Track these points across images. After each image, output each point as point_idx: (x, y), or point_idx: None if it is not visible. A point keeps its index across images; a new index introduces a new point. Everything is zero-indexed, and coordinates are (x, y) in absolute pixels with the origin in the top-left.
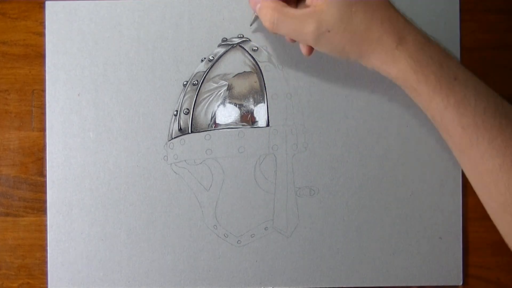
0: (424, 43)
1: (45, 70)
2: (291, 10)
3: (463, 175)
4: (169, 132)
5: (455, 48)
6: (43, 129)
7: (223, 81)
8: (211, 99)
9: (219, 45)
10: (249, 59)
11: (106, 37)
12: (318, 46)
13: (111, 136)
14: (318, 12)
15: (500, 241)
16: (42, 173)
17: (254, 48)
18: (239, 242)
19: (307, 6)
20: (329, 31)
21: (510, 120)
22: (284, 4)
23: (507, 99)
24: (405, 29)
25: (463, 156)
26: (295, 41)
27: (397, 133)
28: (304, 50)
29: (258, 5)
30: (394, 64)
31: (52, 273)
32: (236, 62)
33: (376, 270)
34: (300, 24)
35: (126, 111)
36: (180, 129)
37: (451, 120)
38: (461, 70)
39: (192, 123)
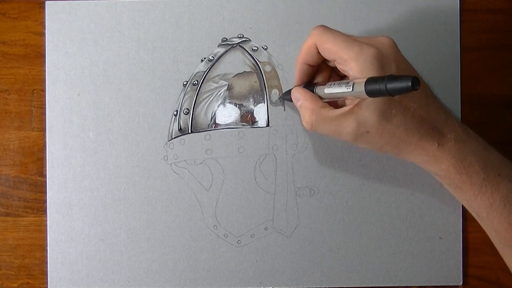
0: (465, 139)
1: (45, 70)
2: (329, 112)
3: None
4: (169, 132)
5: (455, 48)
6: (43, 129)
7: (223, 81)
8: (211, 99)
9: (219, 45)
10: (249, 59)
11: (106, 37)
12: (356, 144)
13: (111, 136)
14: (357, 114)
15: None
16: (42, 173)
17: (254, 48)
18: (239, 242)
19: (346, 104)
20: (368, 132)
21: None
22: (323, 104)
23: (507, 99)
24: (445, 126)
25: (508, 249)
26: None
27: None
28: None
29: (299, 103)
30: (436, 164)
31: (52, 273)
32: (236, 62)
33: (376, 270)
34: (338, 126)
35: (126, 111)
36: (180, 129)
37: (497, 217)
38: (504, 163)
39: (192, 123)
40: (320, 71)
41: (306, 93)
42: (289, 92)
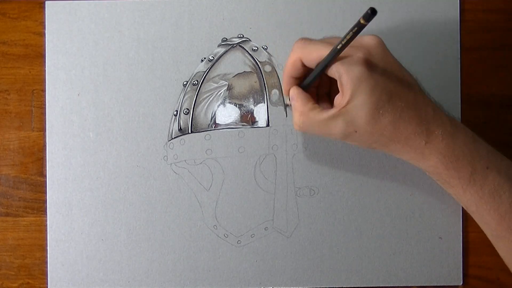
0: (453, 134)
1: (45, 70)
2: (317, 115)
3: None
4: (169, 132)
5: (455, 48)
6: (43, 129)
7: (223, 81)
8: (211, 99)
9: (219, 45)
10: (249, 59)
11: (106, 37)
12: (347, 142)
13: (111, 136)
14: (344, 114)
15: None
16: (42, 173)
17: (254, 48)
18: (239, 242)
19: (339, 102)
20: (356, 131)
21: None
22: (313, 106)
23: (507, 99)
24: (433, 122)
25: (500, 241)
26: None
27: None
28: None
29: (293, 102)
30: (424, 160)
31: (52, 273)
32: (236, 62)
33: (376, 270)
34: (326, 127)
35: (126, 111)
36: (180, 129)
37: (487, 209)
38: (492, 155)
39: (192, 123)
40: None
41: (298, 95)
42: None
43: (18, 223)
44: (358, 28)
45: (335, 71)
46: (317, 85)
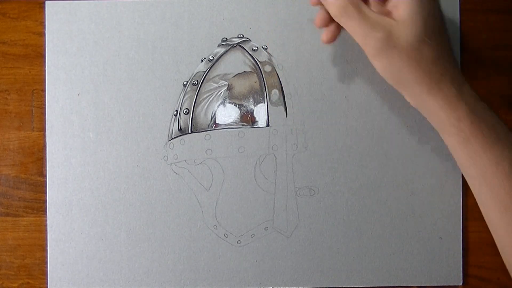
0: (478, 99)
1: (45, 70)
2: (366, 9)
3: (463, 176)
4: (169, 132)
5: (455, 48)
6: (43, 129)
7: (223, 81)
8: (211, 99)
9: (219, 45)
10: (249, 59)
11: (106, 37)
12: (374, 60)
13: (111, 136)
14: (393, 25)
15: None
16: (42, 173)
17: (254, 48)
18: (239, 242)
19: (388, 12)
20: (395, 47)
21: None
22: (360, 1)
23: (507, 99)
24: (463, 82)
25: (507, 214)
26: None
27: (397, 133)
28: (326, 36)
29: None
30: (450, 110)
31: (52, 273)
32: (236, 62)
33: (376, 270)
34: (370, 27)
35: (126, 111)
36: (180, 129)
37: (501, 178)
38: (510, 132)
39: (192, 123)
40: None
41: None
42: None
43: (18, 223)
44: None
45: None
46: None
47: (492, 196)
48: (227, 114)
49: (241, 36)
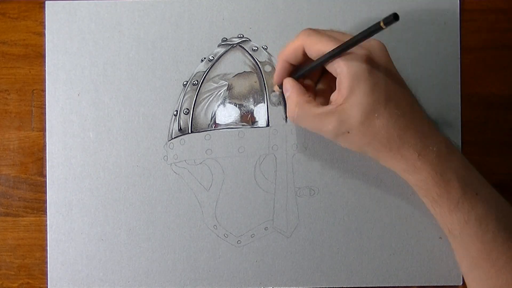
0: (446, 154)
1: (45, 70)
2: (313, 108)
3: None
4: (169, 132)
5: (455, 48)
6: (43, 129)
7: (223, 81)
8: (211, 99)
9: (219, 45)
10: (249, 59)
11: (106, 37)
12: (337, 142)
13: (111, 136)
14: (339, 112)
15: None
16: (42, 173)
17: (254, 48)
18: (239, 242)
19: (336, 96)
20: (348, 132)
21: None
22: (309, 99)
23: (507, 99)
24: (428, 138)
25: (475, 271)
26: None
27: None
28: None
29: (287, 94)
30: (415, 174)
31: (52, 273)
32: (236, 62)
33: (376, 270)
34: (320, 123)
35: (126, 111)
36: (180, 129)
37: (471, 235)
38: (482, 183)
39: (192, 123)
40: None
41: (294, 86)
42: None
43: (18, 223)
44: (374, 30)
45: (335, 66)
46: (316, 80)
47: (464, 252)
48: (227, 114)
49: (241, 36)
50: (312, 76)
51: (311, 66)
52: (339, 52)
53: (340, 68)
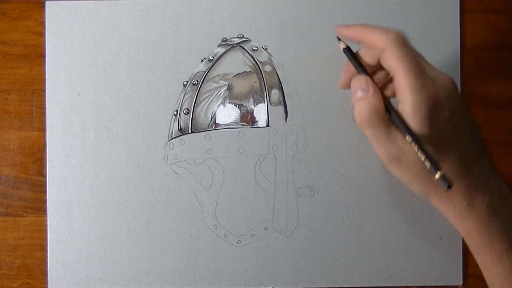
0: (499, 207)
1: (45, 70)
2: (387, 121)
3: None
4: (169, 132)
5: (455, 48)
6: (43, 129)
7: (223, 81)
8: (211, 99)
9: (219, 45)
10: (249, 59)
11: (106, 37)
12: (388, 168)
13: (111, 136)
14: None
15: None
16: (42, 173)
17: (254, 48)
18: (239, 242)
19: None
20: (405, 163)
21: None
22: (385, 110)
23: (507, 99)
24: (482, 187)
25: None
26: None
27: None
28: (344, 86)
29: (360, 93)
30: (461, 221)
31: (52, 273)
32: (236, 62)
33: (376, 270)
34: (385, 138)
35: (126, 111)
36: (180, 129)
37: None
38: None
39: (192, 123)
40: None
41: (376, 89)
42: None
43: (18, 223)
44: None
45: (401, 93)
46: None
47: None
48: (227, 114)
49: (241, 36)
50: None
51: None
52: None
53: (405, 98)
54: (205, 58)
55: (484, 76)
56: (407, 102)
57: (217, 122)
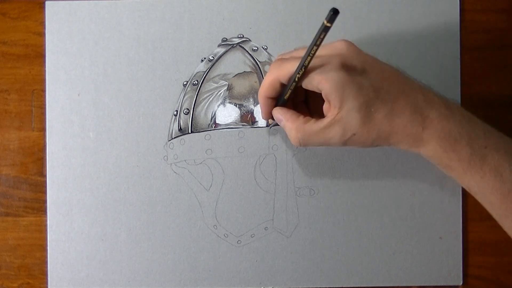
0: (448, 115)
1: (45, 70)
2: (313, 126)
3: None
4: (169, 132)
5: (455, 48)
6: (43, 129)
7: (223, 81)
8: (211, 99)
9: (219, 45)
10: (249, 59)
11: (106, 37)
12: (347, 146)
13: (111, 136)
14: (339, 121)
15: (500, 241)
16: (42, 173)
17: (254, 48)
18: (239, 242)
19: (325, 113)
20: (354, 134)
21: None
22: (304, 119)
23: (507, 99)
24: (426, 106)
25: (505, 220)
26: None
27: None
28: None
29: (282, 123)
30: (423, 146)
31: (52, 273)
32: (236, 62)
33: (376, 270)
34: (325, 136)
35: (126, 111)
36: (180, 129)
37: (489, 189)
38: (490, 134)
39: (192, 123)
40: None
41: (286, 113)
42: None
43: (18, 223)
44: (323, 31)
45: (315, 82)
46: (303, 98)
47: (488, 206)
48: (227, 114)
49: (241, 36)
50: (298, 95)
51: (287, 90)
52: (304, 66)
53: (320, 84)
54: (205, 58)
55: (484, 76)
56: (324, 86)
57: (217, 122)
